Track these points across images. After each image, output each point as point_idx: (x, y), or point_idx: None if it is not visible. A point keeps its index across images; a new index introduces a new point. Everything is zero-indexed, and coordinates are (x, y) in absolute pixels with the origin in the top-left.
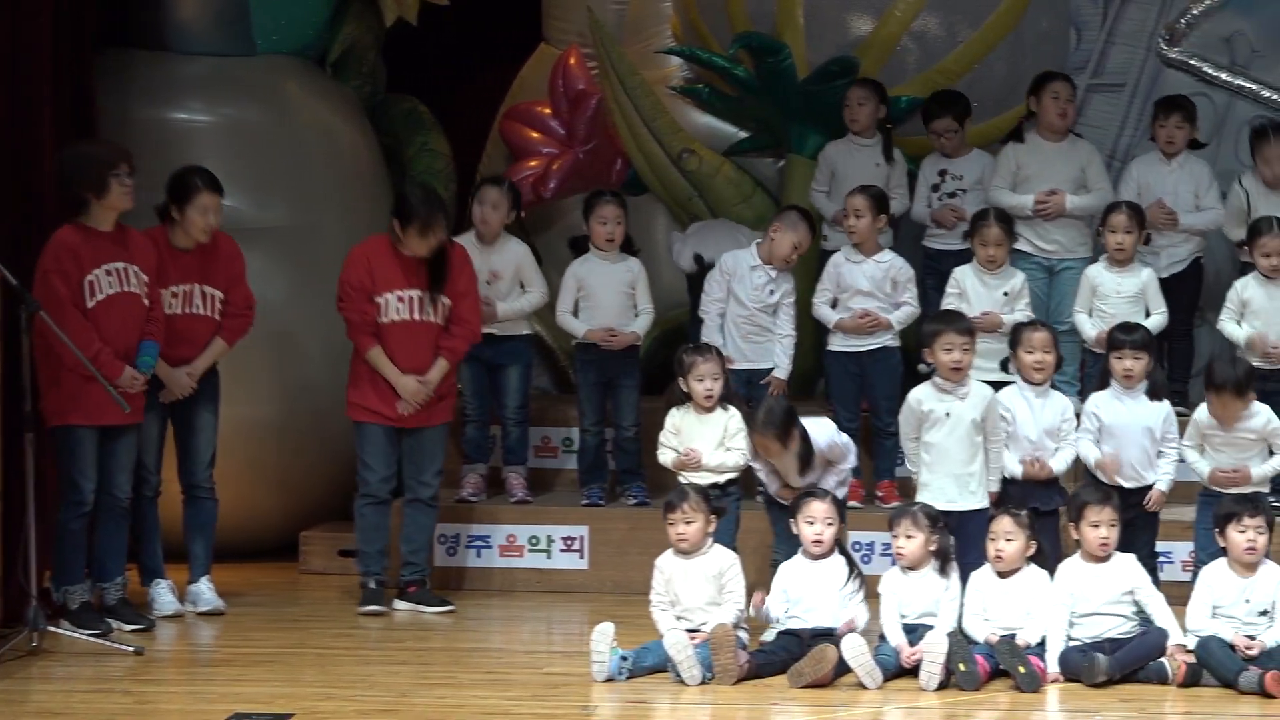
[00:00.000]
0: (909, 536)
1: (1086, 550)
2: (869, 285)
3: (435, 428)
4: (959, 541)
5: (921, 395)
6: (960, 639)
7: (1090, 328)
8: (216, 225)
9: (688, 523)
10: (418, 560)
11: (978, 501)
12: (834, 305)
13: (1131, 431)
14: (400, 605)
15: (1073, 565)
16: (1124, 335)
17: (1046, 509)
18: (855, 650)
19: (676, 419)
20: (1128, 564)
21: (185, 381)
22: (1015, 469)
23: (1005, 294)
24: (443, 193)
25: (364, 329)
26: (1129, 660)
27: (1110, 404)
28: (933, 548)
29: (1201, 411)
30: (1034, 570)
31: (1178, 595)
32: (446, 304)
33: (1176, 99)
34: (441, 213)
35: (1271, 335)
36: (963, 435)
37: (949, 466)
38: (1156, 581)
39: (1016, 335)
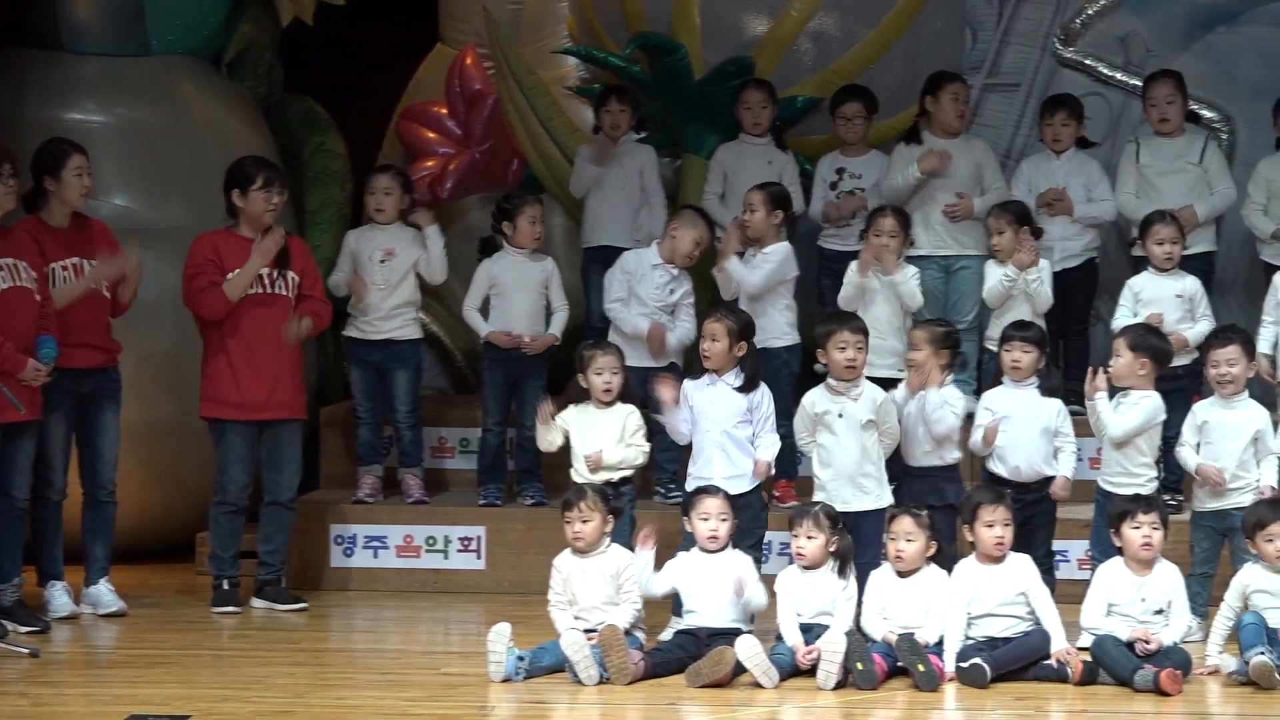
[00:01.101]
0: (810, 537)
1: (981, 551)
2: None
3: (292, 428)
4: (856, 542)
5: (815, 397)
6: (859, 638)
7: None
8: (90, 186)
9: (584, 521)
10: (274, 560)
11: (872, 502)
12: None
13: (1025, 427)
14: (256, 603)
15: (968, 566)
16: (1015, 330)
17: (942, 504)
18: (750, 650)
19: (571, 415)
20: (1022, 564)
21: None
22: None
23: (894, 285)
24: (338, 194)
25: (216, 291)
26: (1006, 660)
27: (1003, 397)
28: (832, 548)
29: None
30: (933, 570)
31: (1074, 594)
32: (295, 279)
33: (1062, 97)
34: (277, 170)
35: (1168, 326)
36: (855, 436)
37: (842, 467)
38: (1054, 580)
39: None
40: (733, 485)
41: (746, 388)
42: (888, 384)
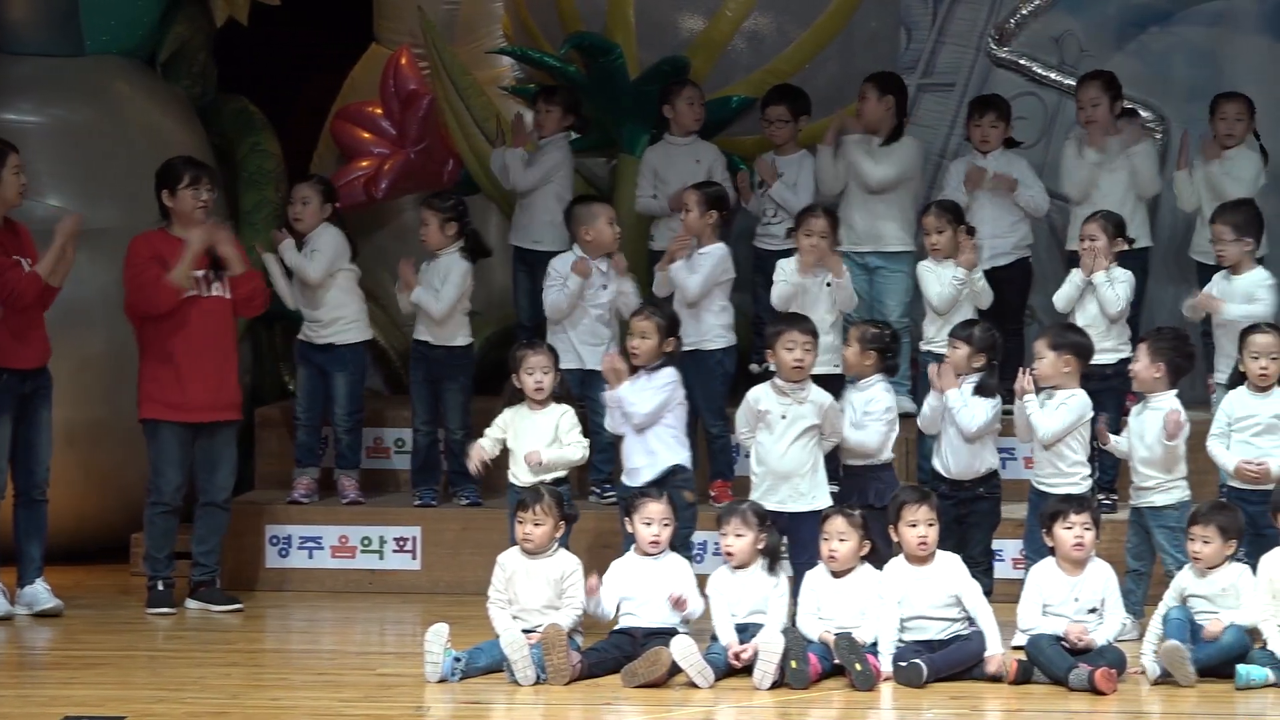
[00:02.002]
0: (738, 535)
1: (907, 551)
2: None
3: (227, 429)
4: (792, 544)
5: (760, 395)
6: (798, 636)
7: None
8: (27, 185)
9: (537, 524)
10: (208, 561)
11: (808, 504)
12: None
13: (952, 423)
14: (191, 604)
15: (897, 567)
16: (962, 329)
17: (880, 504)
18: (685, 651)
19: (507, 417)
20: (951, 565)
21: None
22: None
23: (828, 285)
24: (273, 194)
25: (165, 283)
26: (945, 665)
27: (934, 397)
28: (760, 546)
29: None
30: (868, 570)
31: (1010, 593)
32: (226, 279)
33: (991, 98)
34: (206, 168)
35: (1098, 327)
36: (796, 438)
37: (777, 468)
38: (991, 580)
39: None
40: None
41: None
42: (825, 381)
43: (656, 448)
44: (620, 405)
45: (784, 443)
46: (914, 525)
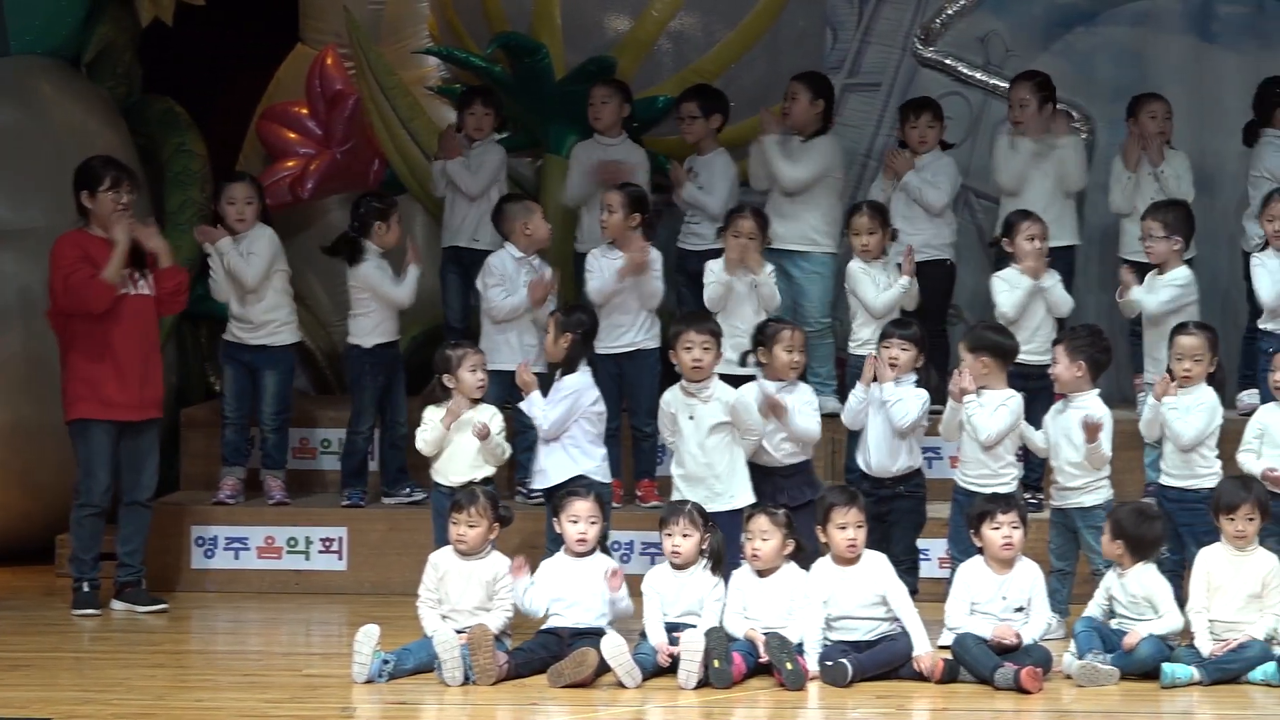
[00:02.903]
0: (685, 535)
1: (835, 553)
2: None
3: (151, 428)
4: None
5: (670, 397)
6: (721, 636)
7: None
8: None
9: (471, 526)
10: (133, 561)
11: (727, 503)
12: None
13: (878, 421)
14: (116, 605)
15: (824, 567)
16: (894, 329)
17: (798, 503)
18: (615, 649)
19: (433, 414)
20: (878, 565)
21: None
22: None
23: (755, 285)
24: (198, 194)
25: (99, 280)
26: (871, 665)
27: (861, 393)
28: (704, 546)
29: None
30: (793, 568)
31: (936, 592)
32: (151, 278)
33: (925, 100)
34: (126, 169)
35: (1028, 326)
36: (705, 437)
37: (691, 469)
38: (916, 578)
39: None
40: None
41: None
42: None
43: (559, 457)
44: (530, 416)
45: (696, 443)
46: (843, 528)
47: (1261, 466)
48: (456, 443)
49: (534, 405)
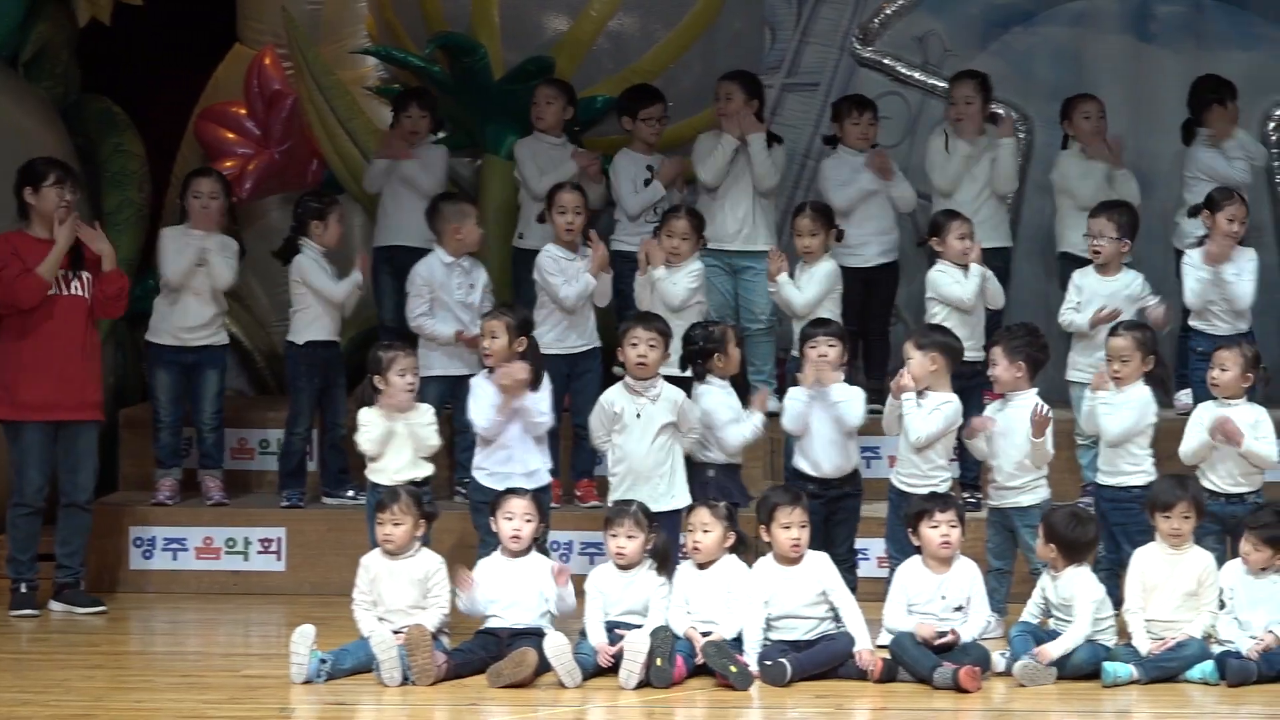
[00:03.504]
0: (630, 536)
1: (778, 553)
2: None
3: (89, 430)
4: None
5: (614, 396)
6: (667, 635)
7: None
8: None
9: (396, 524)
10: (72, 562)
11: (669, 503)
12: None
13: (829, 423)
14: (55, 606)
15: (766, 566)
16: (815, 328)
17: (744, 504)
18: (556, 650)
19: (369, 416)
20: (821, 564)
21: None
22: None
23: (691, 287)
24: (136, 195)
25: (31, 276)
26: (810, 664)
27: (803, 394)
28: (649, 547)
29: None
30: (733, 561)
31: (874, 592)
32: (88, 278)
33: (864, 98)
34: (69, 169)
35: (968, 324)
36: (652, 437)
37: (636, 467)
38: (855, 578)
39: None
40: (526, 480)
41: (533, 383)
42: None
43: (541, 457)
44: (528, 416)
45: (643, 442)
46: (787, 528)
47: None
48: (392, 440)
49: (533, 405)
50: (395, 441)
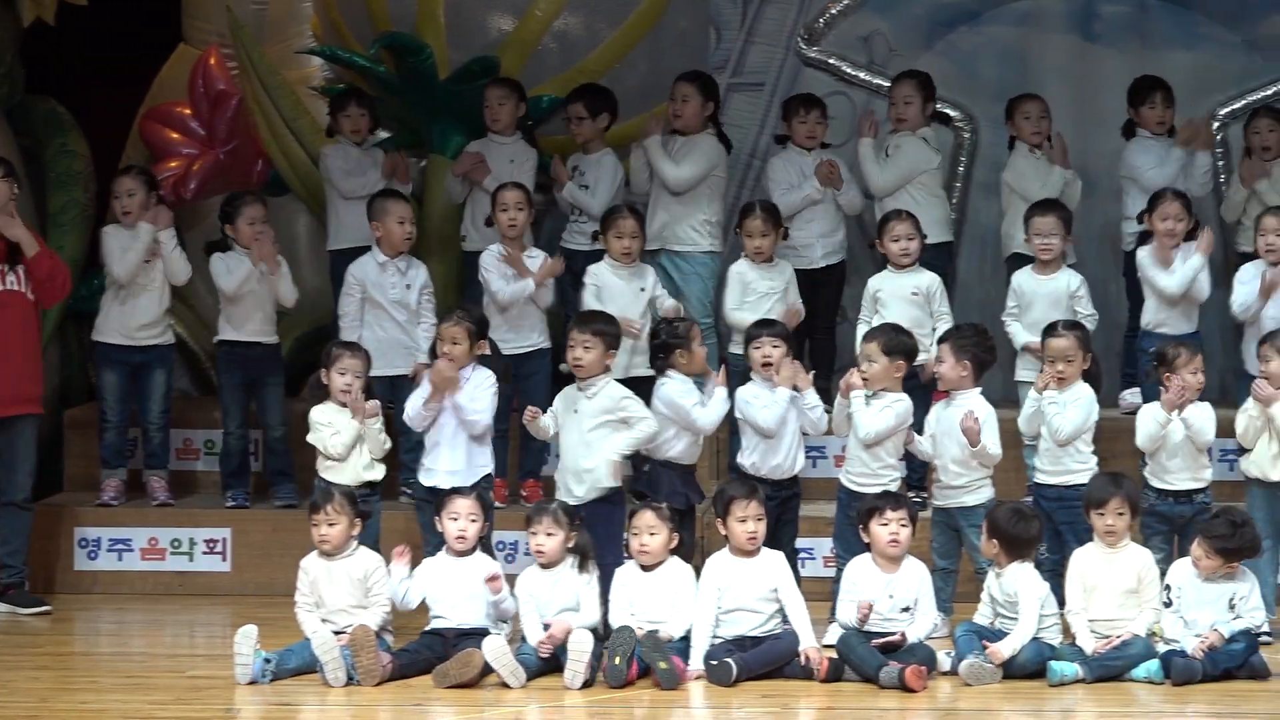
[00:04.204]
0: (549, 534)
1: (734, 545)
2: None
3: (27, 425)
4: (594, 539)
5: (563, 394)
6: (627, 635)
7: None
8: None
9: (330, 524)
10: (14, 562)
11: (589, 491)
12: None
13: (793, 426)
14: None
15: (721, 560)
16: (760, 329)
17: (686, 506)
18: (496, 651)
19: (321, 413)
20: (774, 561)
21: None
22: None
23: (642, 289)
24: (81, 195)
25: None
26: (756, 664)
27: (755, 394)
28: (570, 544)
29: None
30: (677, 563)
31: (819, 591)
32: (23, 271)
33: (813, 97)
34: (9, 164)
35: (904, 321)
36: (586, 433)
37: (569, 462)
38: (798, 577)
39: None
40: (466, 478)
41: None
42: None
43: (478, 456)
44: (461, 414)
45: (576, 438)
46: (743, 521)
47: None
48: (338, 440)
49: (466, 402)
50: (332, 442)
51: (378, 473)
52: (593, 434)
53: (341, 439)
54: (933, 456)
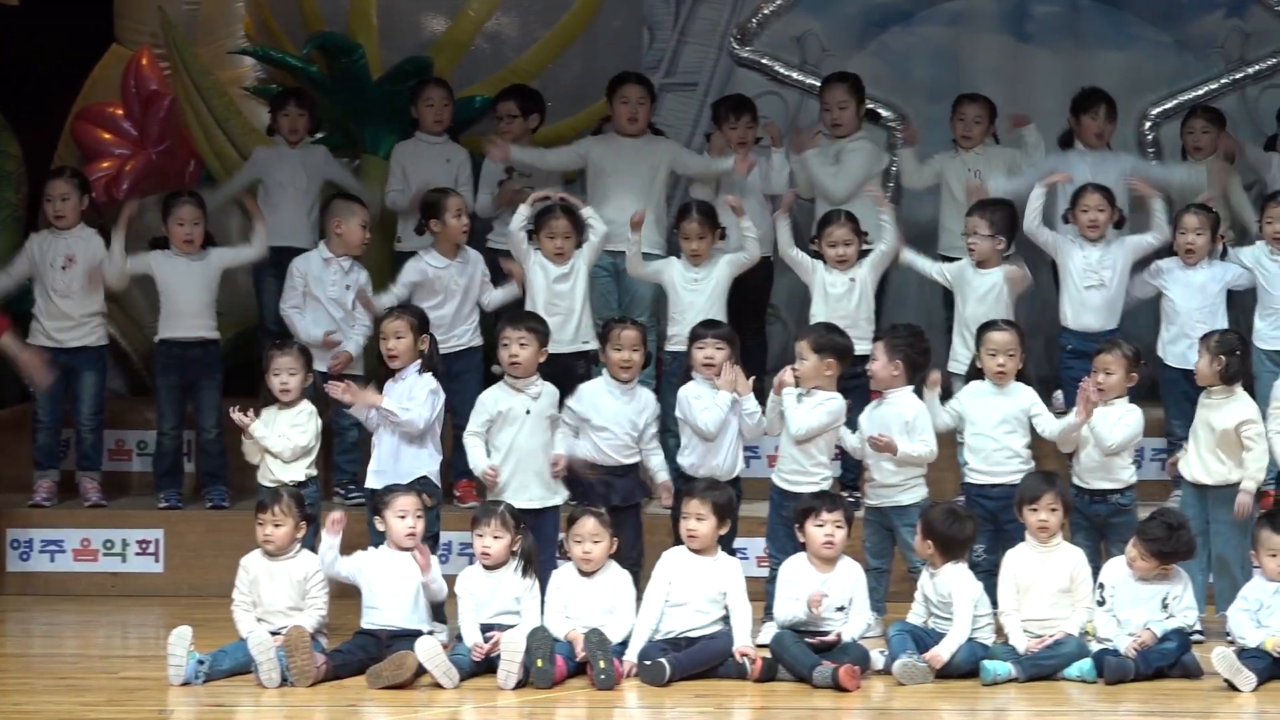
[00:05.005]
0: (496, 536)
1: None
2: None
3: None
4: (536, 541)
5: (497, 395)
6: (545, 636)
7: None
8: None
9: (277, 525)
10: None
11: (550, 500)
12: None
13: (734, 428)
14: None
15: (676, 555)
16: (705, 329)
17: (630, 503)
18: (430, 651)
19: (260, 421)
20: (728, 566)
21: None
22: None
23: (564, 280)
24: (13, 196)
25: None
26: (690, 664)
27: (697, 394)
28: (515, 548)
29: None
30: (615, 569)
31: (754, 591)
32: None
33: (742, 101)
34: None
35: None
36: (541, 432)
37: (530, 464)
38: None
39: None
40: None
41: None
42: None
43: (417, 456)
44: (389, 417)
45: (533, 437)
46: (687, 518)
47: None
48: (275, 441)
49: (395, 408)
50: (274, 442)
51: (309, 472)
52: (546, 435)
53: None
54: (864, 455)
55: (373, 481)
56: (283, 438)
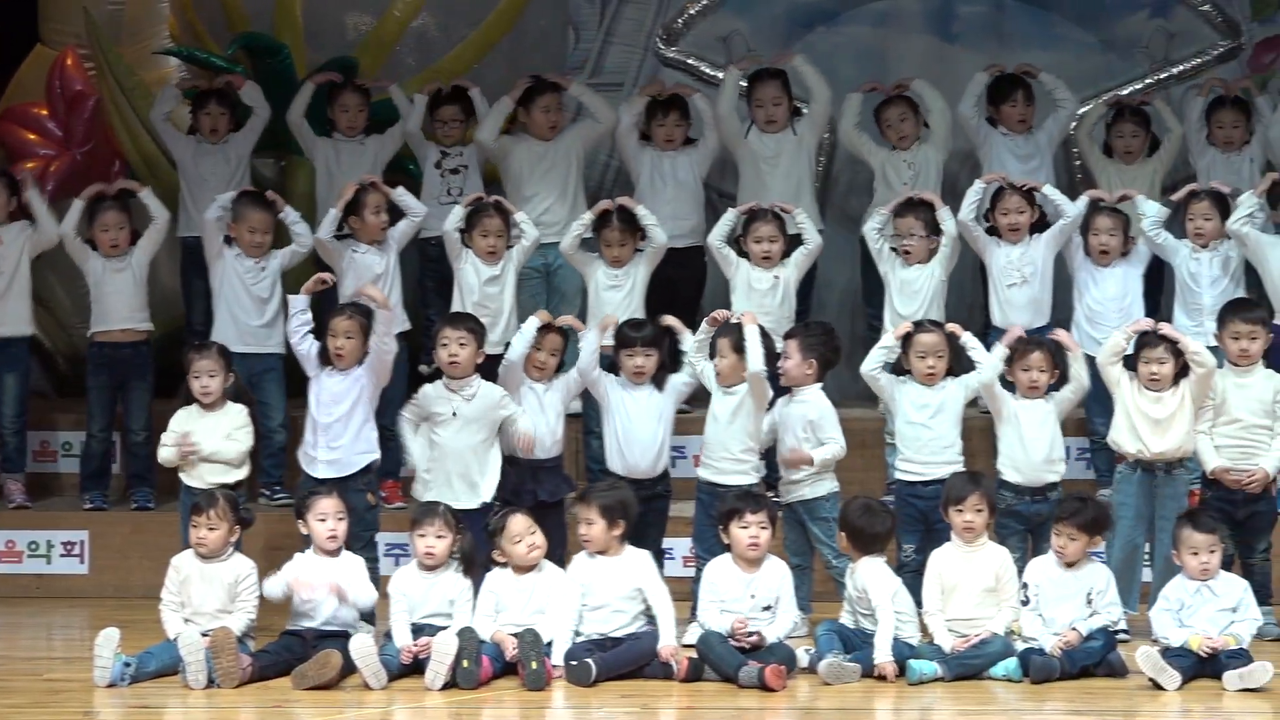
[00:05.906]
0: (439, 536)
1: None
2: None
3: None
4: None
5: (432, 394)
6: (470, 636)
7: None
8: None
9: (211, 528)
10: None
11: (473, 501)
12: None
13: (643, 425)
14: None
15: (583, 559)
16: (633, 332)
17: (556, 499)
18: (362, 651)
19: (181, 419)
20: (639, 560)
21: None
22: None
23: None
24: None
25: None
26: (616, 664)
27: (621, 394)
28: (455, 549)
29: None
30: (550, 568)
31: (681, 590)
32: None
33: (674, 98)
34: None
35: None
36: (471, 434)
37: (455, 465)
38: (660, 576)
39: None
40: (337, 469)
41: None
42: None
43: (364, 440)
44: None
45: (461, 438)
46: (578, 524)
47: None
48: (203, 442)
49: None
50: (201, 443)
51: (237, 474)
52: (479, 438)
53: (166, 453)
54: (768, 442)
55: (322, 471)
56: (231, 440)
